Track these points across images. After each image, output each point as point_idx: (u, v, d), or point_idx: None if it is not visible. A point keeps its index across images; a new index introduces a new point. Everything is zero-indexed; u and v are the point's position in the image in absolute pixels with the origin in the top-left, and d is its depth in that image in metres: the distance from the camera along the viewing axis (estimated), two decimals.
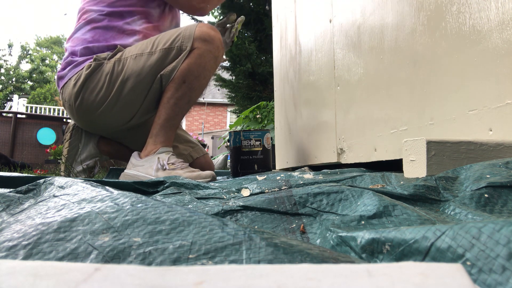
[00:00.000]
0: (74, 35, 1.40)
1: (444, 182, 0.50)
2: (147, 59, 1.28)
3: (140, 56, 1.29)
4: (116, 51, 1.33)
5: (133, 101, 1.33)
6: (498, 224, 0.25)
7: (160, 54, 1.27)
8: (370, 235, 0.30)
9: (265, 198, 0.48)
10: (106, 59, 1.32)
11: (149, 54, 1.28)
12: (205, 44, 1.27)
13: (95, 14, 1.38)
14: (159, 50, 1.28)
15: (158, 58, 1.27)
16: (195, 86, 1.28)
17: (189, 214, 0.31)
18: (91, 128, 1.48)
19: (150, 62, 1.28)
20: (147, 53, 1.29)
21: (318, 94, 1.51)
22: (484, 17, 0.72)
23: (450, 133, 0.80)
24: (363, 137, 1.16)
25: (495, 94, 0.69)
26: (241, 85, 5.34)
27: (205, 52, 1.27)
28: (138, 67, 1.28)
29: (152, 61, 1.28)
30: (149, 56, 1.28)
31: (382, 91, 1.06)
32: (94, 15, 1.38)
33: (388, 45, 1.03)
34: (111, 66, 1.30)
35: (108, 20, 1.37)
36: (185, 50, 1.26)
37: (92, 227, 0.31)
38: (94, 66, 1.30)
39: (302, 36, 1.73)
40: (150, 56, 1.28)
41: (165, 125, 1.27)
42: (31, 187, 0.54)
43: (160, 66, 1.28)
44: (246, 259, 0.25)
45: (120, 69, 1.29)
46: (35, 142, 5.02)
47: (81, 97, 1.32)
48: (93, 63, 1.31)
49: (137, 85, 1.29)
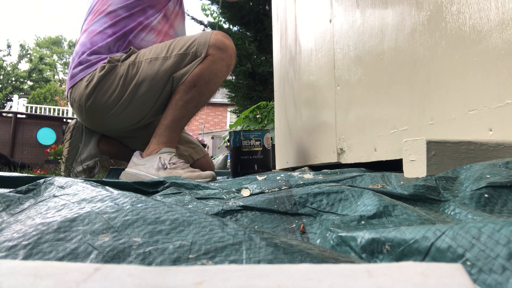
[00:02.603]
0: (90, 27, 1.38)
1: (444, 182, 0.50)
2: (162, 63, 1.28)
3: (155, 61, 1.29)
4: (130, 53, 1.32)
5: (145, 104, 1.33)
6: (498, 224, 0.25)
7: (175, 59, 1.28)
8: (370, 235, 0.30)
9: (265, 198, 0.48)
10: (120, 61, 1.31)
11: (164, 58, 1.29)
12: (219, 52, 1.28)
13: (113, 7, 1.36)
14: (174, 55, 1.28)
15: (173, 63, 1.28)
16: (204, 91, 1.29)
17: (189, 214, 0.31)
18: (97, 128, 1.47)
19: (165, 66, 1.28)
20: (162, 57, 1.29)
21: (318, 94, 1.51)
22: (484, 17, 0.72)
23: (450, 133, 0.80)
24: (363, 137, 1.16)
25: (495, 94, 0.69)
26: (241, 85, 5.35)
27: (218, 59, 1.28)
28: (152, 71, 1.28)
29: (167, 65, 1.28)
30: (164, 60, 1.29)
31: (382, 91, 1.06)
32: (112, 7, 1.36)
33: (388, 45, 1.03)
34: (125, 69, 1.29)
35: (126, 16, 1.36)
36: (200, 56, 1.27)
37: (92, 227, 0.31)
38: (108, 68, 1.29)
39: (302, 36, 1.73)
40: (165, 61, 1.28)
41: (171, 126, 1.28)
42: (31, 187, 0.54)
43: (174, 70, 1.28)
44: (246, 259, 0.25)
45: (135, 72, 1.29)
46: (35, 142, 5.02)
47: (93, 98, 1.32)
48: (107, 65, 1.30)
49: (151, 89, 1.30)
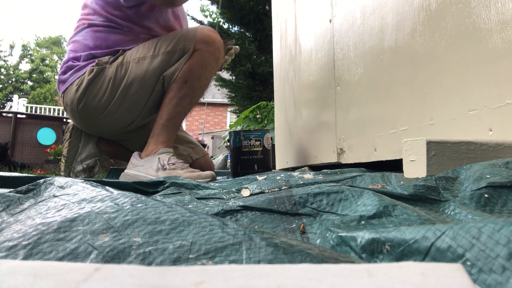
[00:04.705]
0: (75, 37, 1.39)
1: (444, 182, 0.50)
2: (150, 62, 1.28)
3: (143, 60, 1.29)
4: (117, 55, 1.32)
5: (136, 104, 1.33)
6: (498, 224, 0.25)
7: (164, 57, 1.28)
8: (370, 235, 0.30)
9: (265, 198, 0.48)
10: (108, 63, 1.31)
11: (152, 57, 1.28)
12: (206, 46, 1.28)
13: (95, 17, 1.36)
14: (162, 53, 1.28)
15: (161, 61, 1.28)
16: (196, 86, 1.30)
17: (189, 214, 0.31)
18: (92, 131, 1.48)
19: (153, 65, 1.28)
20: (150, 56, 1.29)
21: (318, 94, 1.51)
22: (484, 17, 0.72)
23: (450, 133, 0.80)
24: (363, 137, 1.16)
25: (495, 94, 0.69)
26: (241, 85, 5.35)
27: (207, 53, 1.29)
28: (141, 71, 1.28)
29: (155, 64, 1.28)
30: (152, 59, 1.28)
31: (382, 91, 1.06)
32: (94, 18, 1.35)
33: (388, 45, 1.03)
34: (113, 71, 1.29)
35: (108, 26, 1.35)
36: (188, 52, 1.27)
37: (92, 227, 0.31)
38: (96, 71, 1.29)
39: (302, 36, 1.73)
40: (153, 59, 1.28)
41: (167, 125, 1.28)
42: (31, 187, 0.54)
43: (163, 68, 1.28)
44: (246, 259, 0.25)
45: (123, 73, 1.29)
46: (35, 142, 5.02)
47: (84, 101, 1.32)
48: (95, 67, 1.30)
49: (141, 89, 1.29)
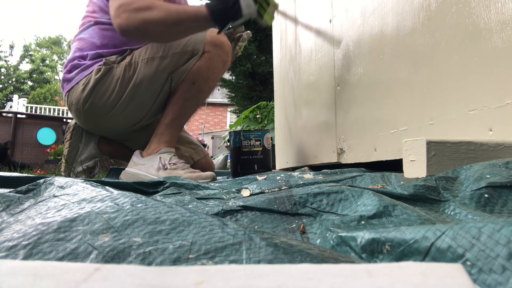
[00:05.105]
0: (80, 34, 1.36)
1: (444, 182, 0.50)
2: (159, 63, 1.28)
3: (152, 61, 1.28)
4: (125, 54, 1.31)
5: (144, 104, 1.32)
6: (498, 224, 0.25)
7: (173, 58, 1.28)
8: (370, 235, 0.30)
9: (265, 198, 0.48)
10: (116, 62, 1.29)
11: (161, 58, 1.28)
12: (215, 48, 1.29)
13: (100, 14, 1.33)
14: (171, 54, 1.28)
15: (170, 62, 1.28)
16: (203, 88, 1.30)
17: (189, 214, 0.31)
18: (96, 130, 1.46)
19: (163, 66, 1.28)
20: (159, 57, 1.28)
21: (318, 94, 1.51)
22: (484, 17, 0.72)
23: (450, 133, 0.80)
24: (363, 137, 1.16)
25: (495, 94, 0.69)
26: (241, 85, 5.35)
27: (215, 56, 1.29)
28: (151, 72, 1.27)
29: (165, 65, 1.28)
30: (161, 60, 1.28)
31: (382, 91, 1.06)
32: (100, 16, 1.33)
33: (388, 45, 1.03)
34: (121, 70, 1.28)
35: None
36: (197, 53, 1.28)
37: (92, 227, 0.31)
38: (104, 71, 1.28)
39: (302, 36, 1.73)
40: (163, 60, 1.28)
41: (171, 125, 1.28)
42: (31, 187, 0.54)
43: (172, 69, 1.28)
44: (246, 259, 0.25)
45: (132, 73, 1.28)
46: (35, 142, 5.02)
47: (91, 101, 1.30)
48: (103, 67, 1.28)
49: (149, 89, 1.29)
